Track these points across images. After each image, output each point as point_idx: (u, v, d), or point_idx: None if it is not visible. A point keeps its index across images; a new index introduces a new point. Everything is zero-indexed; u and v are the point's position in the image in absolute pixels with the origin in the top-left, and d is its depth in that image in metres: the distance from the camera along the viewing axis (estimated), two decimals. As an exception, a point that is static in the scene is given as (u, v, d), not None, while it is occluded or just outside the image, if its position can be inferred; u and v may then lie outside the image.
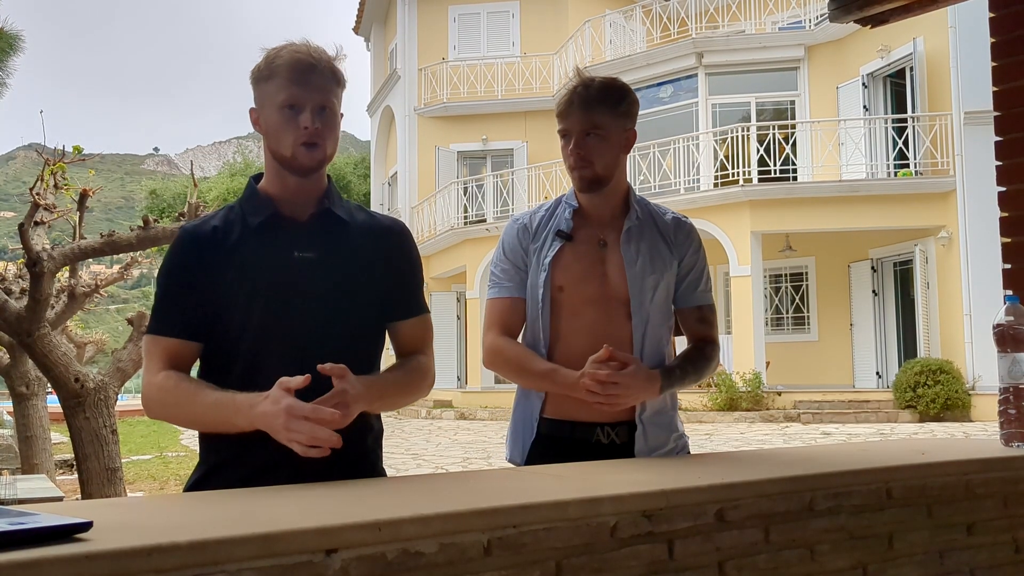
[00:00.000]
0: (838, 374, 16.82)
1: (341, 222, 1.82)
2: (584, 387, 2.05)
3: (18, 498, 5.33)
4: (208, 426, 1.72)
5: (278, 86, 1.73)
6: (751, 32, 19.25)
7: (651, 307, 2.20)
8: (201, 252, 1.75)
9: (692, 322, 2.29)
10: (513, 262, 2.25)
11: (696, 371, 2.22)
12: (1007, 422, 2.01)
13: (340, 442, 1.57)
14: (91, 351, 12.98)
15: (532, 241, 2.24)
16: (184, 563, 1.02)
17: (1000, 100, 2.65)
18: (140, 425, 19.74)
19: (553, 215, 2.26)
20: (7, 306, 5.26)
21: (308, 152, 1.74)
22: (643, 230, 2.23)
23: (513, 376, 2.25)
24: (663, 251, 2.23)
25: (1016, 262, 2.60)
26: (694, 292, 2.28)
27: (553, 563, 1.31)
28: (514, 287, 2.24)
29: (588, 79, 2.19)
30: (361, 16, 26.27)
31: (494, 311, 2.26)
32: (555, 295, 2.19)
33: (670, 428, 2.24)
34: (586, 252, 2.21)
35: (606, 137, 2.16)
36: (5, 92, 5.99)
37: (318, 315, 1.75)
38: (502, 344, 2.23)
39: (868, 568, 1.66)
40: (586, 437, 2.16)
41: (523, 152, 21.21)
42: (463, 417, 17.80)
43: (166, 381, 1.70)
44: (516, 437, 2.27)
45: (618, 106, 2.18)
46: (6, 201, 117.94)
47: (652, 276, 2.20)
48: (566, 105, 2.17)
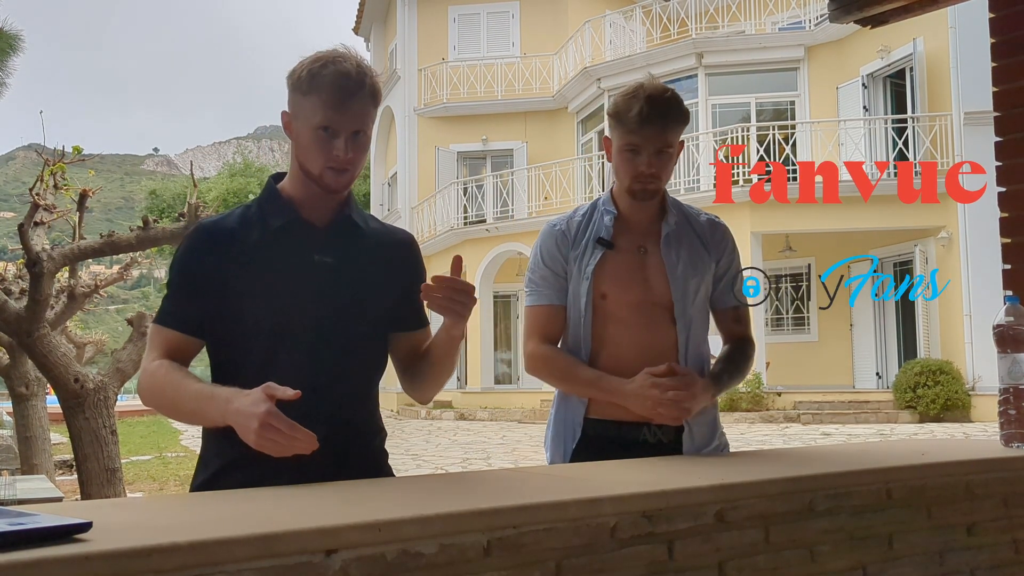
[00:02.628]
0: (838, 375, 16.82)
1: (358, 229, 1.83)
2: (655, 403, 2.07)
3: (18, 498, 5.32)
4: (186, 416, 1.71)
5: (316, 106, 1.69)
6: (751, 32, 19.25)
7: (693, 310, 2.22)
8: (216, 250, 1.74)
9: (729, 322, 2.32)
10: (552, 269, 2.24)
11: (740, 372, 2.28)
12: (1007, 423, 2.01)
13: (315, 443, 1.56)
14: (91, 351, 12.97)
15: (572, 248, 2.23)
16: (184, 563, 1.02)
17: (1000, 100, 2.65)
18: (140, 425, 19.74)
19: (591, 221, 2.25)
20: (7, 306, 5.26)
21: (336, 177, 1.73)
22: (681, 234, 2.24)
23: (558, 383, 2.26)
24: (702, 254, 2.24)
25: (1016, 262, 2.60)
26: (731, 292, 2.30)
27: (553, 563, 1.31)
28: (554, 294, 2.24)
29: (659, 91, 2.15)
30: (361, 16, 26.28)
31: (535, 319, 2.26)
32: (597, 302, 2.19)
33: (714, 426, 2.26)
34: (627, 259, 2.21)
35: (673, 154, 2.18)
36: (5, 92, 6.00)
37: (331, 319, 1.75)
38: (546, 351, 2.23)
39: (868, 568, 1.66)
40: (633, 436, 2.16)
41: (523, 152, 21.21)
42: (463, 418, 17.80)
43: (158, 369, 1.70)
44: (558, 440, 2.26)
45: (685, 122, 2.20)
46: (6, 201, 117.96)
47: (694, 280, 2.21)
48: (640, 122, 2.11)
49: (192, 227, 1.92)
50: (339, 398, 1.75)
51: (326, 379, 1.73)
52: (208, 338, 1.77)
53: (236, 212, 1.82)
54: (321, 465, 1.60)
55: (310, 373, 1.71)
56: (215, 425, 1.62)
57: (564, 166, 19.04)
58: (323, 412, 1.72)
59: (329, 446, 1.72)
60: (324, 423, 1.72)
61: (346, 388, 1.77)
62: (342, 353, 1.75)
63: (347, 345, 1.76)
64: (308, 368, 1.71)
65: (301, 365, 1.71)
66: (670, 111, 2.14)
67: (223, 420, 1.59)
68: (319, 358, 1.73)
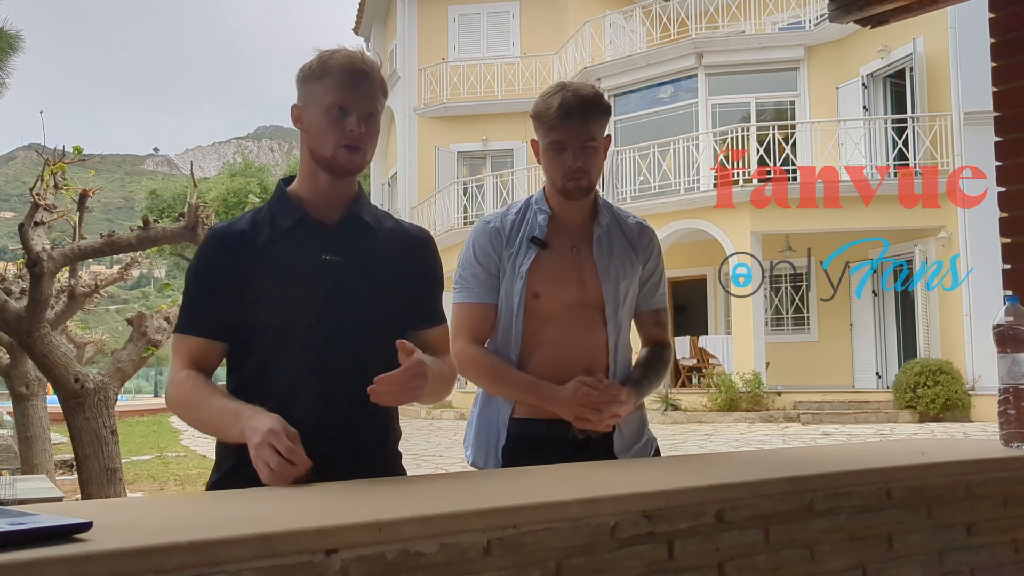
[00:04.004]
0: (838, 374, 16.82)
1: (369, 227, 1.83)
2: (578, 415, 2.10)
3: (18, 498, 5.31)
4: (209, 431, 1.71)
5: (328, 87, 1.74)
6: (751, 32, 19.25)
7: (623, 312, 2.24)
8: (228, 253, 1.75)
9: (649, 325, 2.34)
10: (485, 267, 2.22)
11: (658, 378, 2.31)
12: (1007, 422, 2.01)
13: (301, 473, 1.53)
14: (91, 351, 12.96)
15: (506, 247, 2.21)
16: (184, 563, 1.02)
17: (1000, 101, 2.65)
18: (140, 425, 19.73)
19: (524, 219, 2.25)
20: (7, 306, 5.26)
21: (349, 154, 1.74)
22: (612, 236, 2.25)
23: (487, 385, 2.25)
24: (631, 256, 2.26)
25: (1016, 262, 2.60)
26: (654, 296, 2.33)
27: (553, 563, 1.31)
28: (484, 292, 2.22)
29: (575, 88, 2.17)
30: (361, 16, 26.27)
31: (464, 317, 2.23)
32: (530, 302, 2.19)
33: (642, 423, 2.30)
34: (561, 258, 2.21)
35: (598, 148, 2.18)
36: (5, 92, 6.00)
37: (339, 317, 1.75)
38: (474, 353, 2.21)
39: (868, 568, 1.66)
40: (561, 434, 2.17)
41: (523, 152, 21.21)
42: (463, 417, 17.79)
43: (185, 381, 1.70)
44: (481, 440, 2.26)
45: (607, 117, 2.21)
46: (6, 201, 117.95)
47: (624, 282, 2.23)
48: (561, 117, 2.13)
49: (204, 230, 1.93)
50: (350, 398, 1.73)
51: (336, 378, 1.73)
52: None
53: (247, 215, 1.84)
54: (332, 468, 1.60)
55: (319, 372, 1.71)
56: (236, 441, 1.62)
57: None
58: (333, 413, 1.72)
59: (340, 449, 1.72)
60: (334, 425, 1.72)
61: (357, 386, 1.76)
62: (352, 352, 1.74)
63: (356, 343, 1.75)
64: (317, 367, 1.71)
65: (311, 365, 1.71)
66: (589, 105, 2.15)
67: (241, 436, 1.59)
68: (328, 357, 1.72)
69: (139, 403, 27.15)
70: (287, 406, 1.68)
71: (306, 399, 1.71)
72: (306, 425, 1.64)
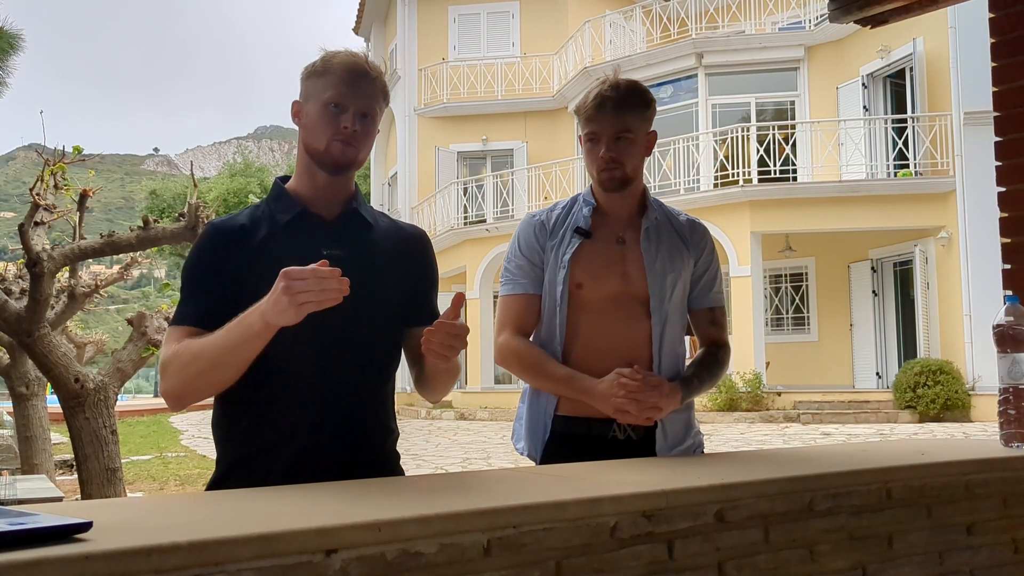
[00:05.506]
0: (838, 374, 16.82)
1: (367, 224, 1.83)
2: (617, 407, 2.07)
3: (18, 498, 5.32)
4: (226, 356, 1.62)
5: (327, 83, 1.76)
6: (751, 32, 19.25)
7: (669, 306, 2.20)
8: (227, 246, 1.75)
9: (704, 324, 2.30)
10: (529, 259, 2.24)
11: (712, 377, 2.24)
12: (1007, 422, 2.01)
13: (348, 287, 1.52)
14: (91, 351, 12.96)
15: (550, 238, 2.23)
16: (184, 563, 1.02)
17: (1000, 101, 2.65)
18: (140, 425, 19.73)
19: (570, 213, 2.26)
20: (7, 306, 5.26)
21: (343, 148, 1.75)
22: (661, 229, 2.24)
23: (527, 378, 2.24)
24: (681, 250, 2.24)
25: (1016, 262, 2.60)
26: (708, 293, 2.29)
27: (553, 563, 1.31)
28: (529, 284, 2.23)
29: (615, 82, 2.19)
30: (361, 16, 26.27)
31: (509, 309, 2.25)
32: (573, 292, 2.18)
33: (688, 424, 2.25)
34: (605, 249, 2.21)
35: (635, 140, 2.18)
36: (5, 92, 5.99)
37: (340, 311, 1.75)
38: (517, 345, 2.21)
39: (868, 568, 1.66)
40: (602, 433, 2.16)
41: (523, 152, 21.21)
42: (463, 417, 17.79)
43: (178, 347, 1.67)
44: (532, 433, 2.26)
45: (645, 109, 2.21)
46: (6, 201, 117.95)
47: (671, 275, 2.20)
48: (595, 109, 2.16)
49: (203, 227, 1.92)
50: (349, 394, 1.74)
51: (336, 374, 1.72)
52: None
53: (245, 211, 1.84)
54: (329, 468, 1.59)
55: (318, 369, 1.70)
56: (260, 338, 1.57)
57: (564, 166, 19.04)
58: (332, 409, 1.71)
59: (338, 447, 1.72)
60: (333, 422, 1.72)
61: (356, 384, 1.76)
62: (352, 348, 1.74)
63: (357, 339, 1.75)
64: (314, 360, 1.71)
65: (308, 357, 1.71)
66: (623, 96, 2.16)
67: (264, 324, 1.55)
68: (325, 350, 1.72)
69: (139, 403, 27.16)
70: (285, 402, 1.68)
71: (305, 396, 1.71)
72: (305, 422, 1.64)
